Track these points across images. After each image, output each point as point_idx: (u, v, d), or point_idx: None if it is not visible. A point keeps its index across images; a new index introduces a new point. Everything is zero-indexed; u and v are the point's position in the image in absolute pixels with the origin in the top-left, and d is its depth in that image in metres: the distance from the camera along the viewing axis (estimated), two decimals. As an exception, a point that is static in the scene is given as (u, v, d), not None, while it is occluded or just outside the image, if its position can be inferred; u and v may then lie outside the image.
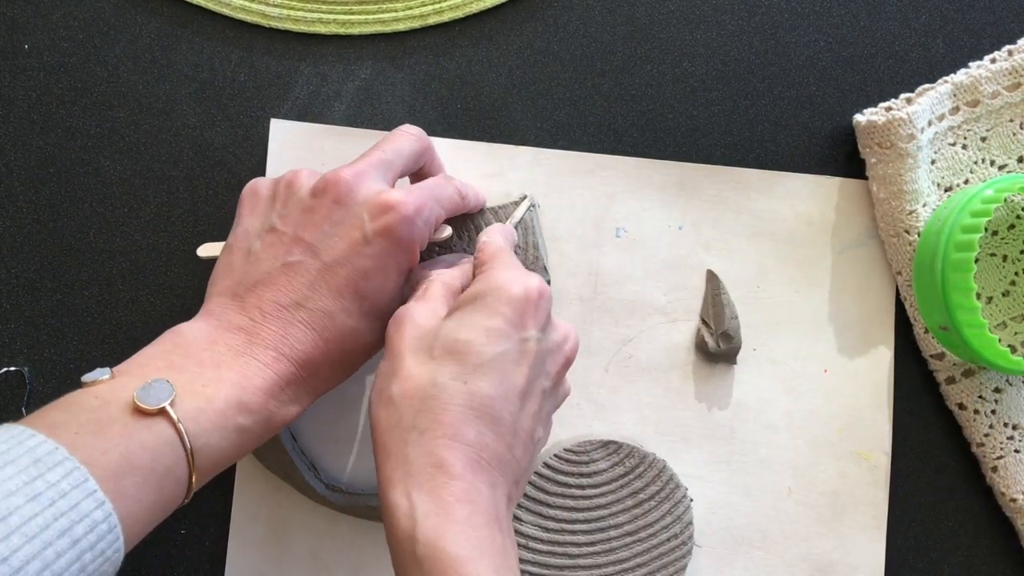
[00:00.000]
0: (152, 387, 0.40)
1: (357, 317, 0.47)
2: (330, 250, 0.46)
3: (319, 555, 0.56)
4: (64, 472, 0.36)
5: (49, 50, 0.58)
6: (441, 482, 0.40)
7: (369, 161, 0.49)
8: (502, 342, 0.43)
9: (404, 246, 0.47)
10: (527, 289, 0.45)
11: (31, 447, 0.37)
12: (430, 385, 0.42)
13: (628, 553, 0.55)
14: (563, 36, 0.60)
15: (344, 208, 0.47)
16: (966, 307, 0.53)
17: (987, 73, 0.58)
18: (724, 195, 0.59)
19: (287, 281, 0.46)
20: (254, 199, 0.50)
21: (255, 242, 0.48)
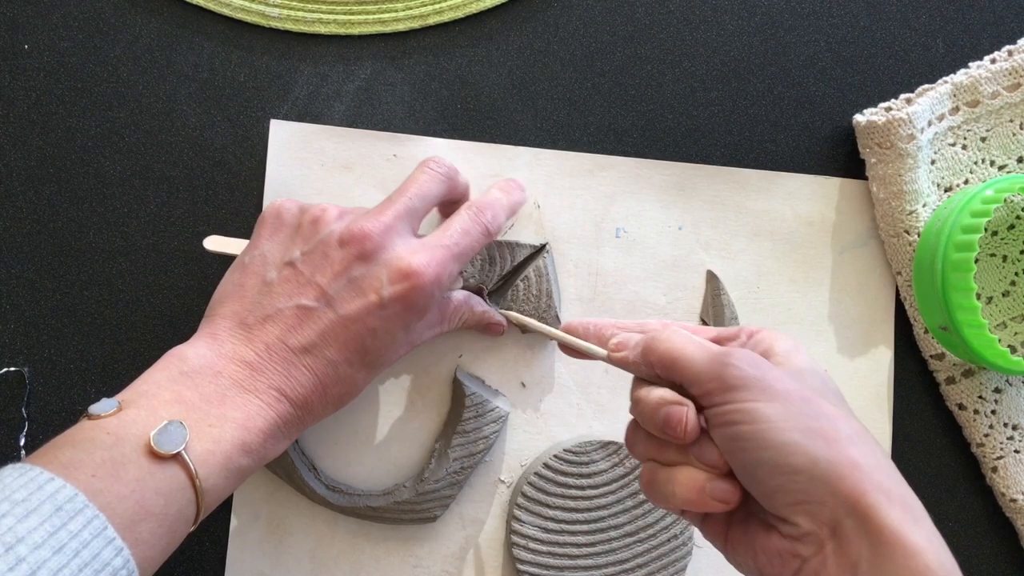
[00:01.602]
0: (168, 431, 0.41)
1: (357, 367, 0.48)
2: (345, 305, 0.47)
3: (319, 555, 0.56)
4: (85, 521, 0.37)
5: (49, 50, 0.58)
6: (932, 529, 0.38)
7: (396, 212, 0.49)
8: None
9: (418, 311, 0.48)
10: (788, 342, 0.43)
11: (51, 493, 0.37)
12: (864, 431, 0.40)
13: (628, 554, 0.55)
14: (563, 36, 0.60)
15: (366, 266, 0.47)
16: (966, 307, 0.53)
17: (987, 73, 0.58)
18: (724, 195, 0.59)
19: (298, 324, 0.46)
20: (277, 223, 0.50)
21: (271, 272, 0.48)
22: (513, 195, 0.55)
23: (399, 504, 0.55)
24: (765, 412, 0.39)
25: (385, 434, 0.57)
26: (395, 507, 0.55)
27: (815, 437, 0.38)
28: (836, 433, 0.38)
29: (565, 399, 0.58)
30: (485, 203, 0.52)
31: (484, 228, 0.51)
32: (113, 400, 0.42)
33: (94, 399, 0.56)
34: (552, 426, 0.58)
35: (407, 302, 0.47)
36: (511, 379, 0.58)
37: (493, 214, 0.52)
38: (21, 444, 0.56)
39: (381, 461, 0.57)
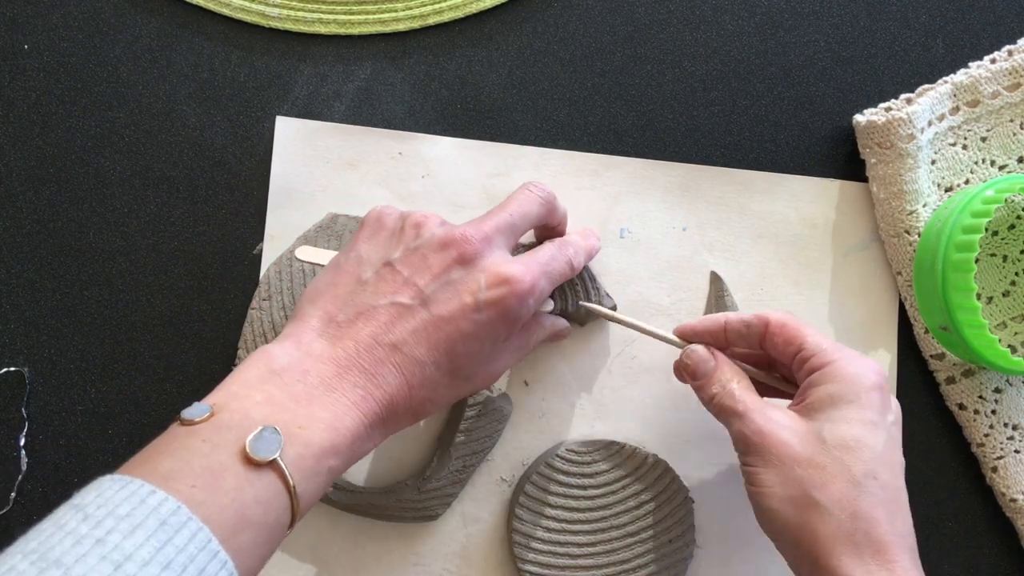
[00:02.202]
0: (263, 437, 0.40)
1: (443, 373, 0.47)
2: (441, 305, 0.46)
3: (320, 552, 0.56)
4: (190, 534, 0.36)
5: (49, 50, 0.58)
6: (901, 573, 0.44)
7: (497, 224, 0.49)
8: (881, 431, 0.47)
9: (510, 321, 0.48)
10: (880, 374, 0.49)
11: (154, 507, 0.36)
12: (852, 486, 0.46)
13: (629, 554, 0.55)
14: (563, 36, 0.60)
15: (465, 270, 0.47)
16: (966, 307, 0.53)
17: (987, 73, 0.58)
18: (728, 197, 0.59)
19: (391, 320, 0.46)
20: (377, 226, 0.50)
21: (367, 271, 0.48)
22: (590, 240, 0.55)
23: (401, 502, 0.55)
24: (761, 477, 0.47)
25: (387, 434, 0.57)
26: (397, 505, 0.55)
27: (790, 504, 0.46)
28: (805, 499, 0.46)
29: (568, 399, 0.58)
30: (568, 240, 0.53)
31: (568, 260, 0.52)
32: (205, 404, 0.41)
33: (94, 399, 0.56)
34: (554, 426, 0.58)
35: (502, 307, 0.47)
36: (514, 378, 0.58)
37: (575, 250, 0.53)
38: (21, 444, 0.56)
39: (383, 459, 0.57)
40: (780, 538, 0.47)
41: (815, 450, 0.46)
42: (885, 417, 0.48)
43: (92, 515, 0.35)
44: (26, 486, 0.56)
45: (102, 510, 0.35)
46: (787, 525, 0.46)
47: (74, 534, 0.35)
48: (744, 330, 0.52)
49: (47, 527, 0.35)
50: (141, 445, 0.40)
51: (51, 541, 0.34)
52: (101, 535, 0.34)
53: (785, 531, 0.46)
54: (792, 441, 0.47)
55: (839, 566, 0.44)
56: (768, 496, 0.47)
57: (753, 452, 0.48)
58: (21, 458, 0.56)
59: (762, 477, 0.47)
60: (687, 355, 0.52)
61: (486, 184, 0.58)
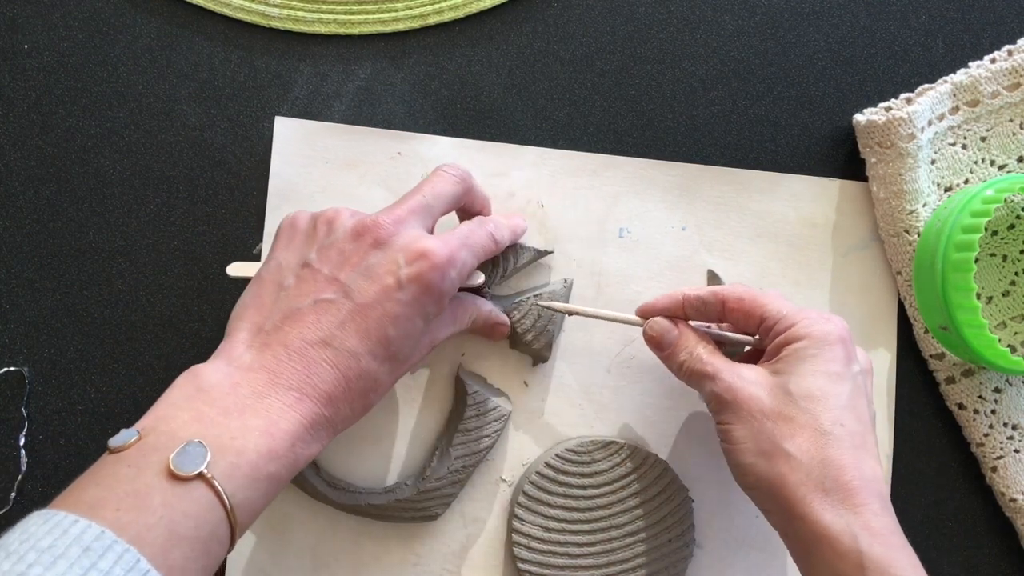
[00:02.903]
0: (186, 452, 0.40)
1: (380, 360, 0.47)
2: (363, 292, 0.46)
3: (320, 553, 0.56)
4: (115, 557, 0.36)
5: (49, 50, 0.58)
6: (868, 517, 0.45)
7: (410, 207, 0.49)
8: (846, 381, 0.49)
9: (435, 294, 0.48)
10: (843, 329, 0.50)
11: (76, 535, 0.36)
12: (819, 434, 0.47)
13: (629, 553, 0.55)
14: (563, 36, 0.60)
15: (381, 252, 0.47)
16: (966, 307, 0.53)
17: (987, 73, 0.58)
18: (727, 197, 0.59)
19: (316, 319, 0.46)
20: (291, 232, 0.50)
21: (288, 277, 0.48)
22: (513, 219, 0.56)
23: (400, 502, 0.55)
24: (734, 434, 0.49)
25: (387, 432, 0.57)
26: (396, 505, 0.55)
27: (762, 456, 0.47)
28: (775, 451, 0.47)
29: (567, 399, 0.58)
30: (489, 218, 0.54)
31: (489, 233, 0.52)
32: (132, 430, 0.41)
33: (94, 399, 0.56)
34: (554, 425, 0.58)
35: (424, 282, 0.47)
36: (513, 378, 0.58)
37: (495, 225, 0.53)
38: (21, 444, 0.56)
39: (383, 459, 0.57)
40: (755, 491, 0.49)
41: (783, 402, 0.48)
42: (850, 368, 0.49)
43: (14, 552, 0.35)
44: (26, 486, 0.56)
45: (24, 545, 0.35)
46: (760, 477, 0.47)
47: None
48: (701, 306, 0.53)
49: None
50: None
51: None
52: (23, 569, 0.34)
53: (759, 484, 0.48)
54: (761, 395, 0.48)
55: (810, 512, 0.45)
56: (741, 451, 0.48)
57: (726, 409, 0.49)
58: (21, 458, 0.56)
59: (735, 433, 0.48)
60: (650, 326, 0.53)
61: (486, 184, 0.58)
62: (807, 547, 0.46)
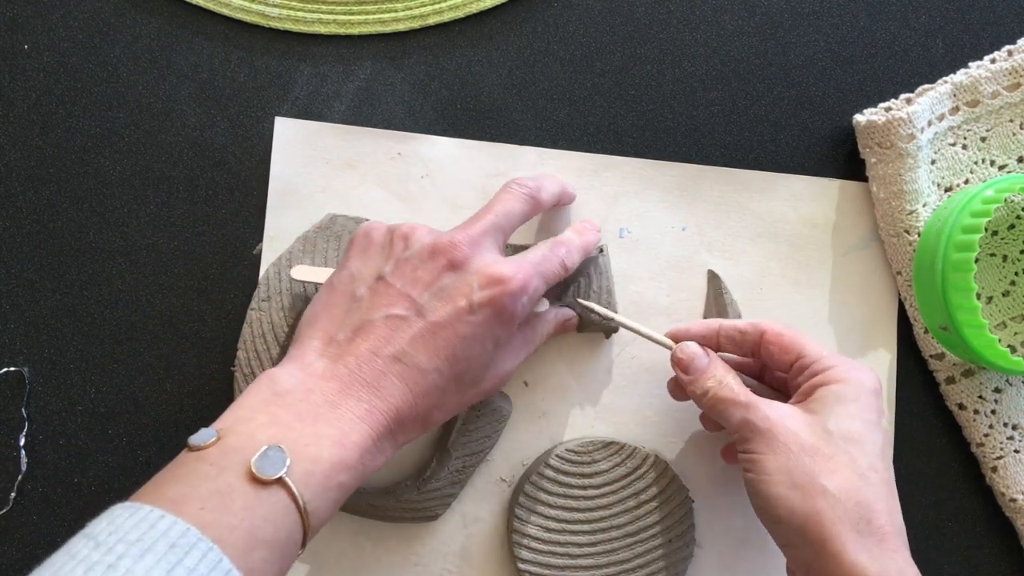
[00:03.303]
0: (268, 456, 0.41)
1: (447, 379, 0.47)
2: (436, 311, 0.47)
3: (320, 553, 0.56)
4: (200, 555, 0.36)
5: (49, 50, 0.58)
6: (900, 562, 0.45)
7: (483, 228, 0.50)
8: (878, 430, 0.49)
9: (506, 320, 0.48)
10: (878, 381, 0.51)
11: (164, 530, 0.36)
12: (857, 477, 0.47)
13: (629, 554, 0.55)
14: (563, 36, 0.60)
15: (456, 274, 0.48)
16: (966, 307, 0.53)
17: (987, 73, 0.58)
18: (727, 197, 0.59)
19: (388, 333, 0.46)
20: (366, 242, 0.50)
21: (361, 288, 0.49)
22: (586, 235, 0.55)
23: (401, 502, 0.55)
24: (764, 465, 0.48)
25: (386, 434, 0.57)
26: (397, 505, 0.55)
27: (796, 490, 0.46)
28: (813, 486, 0.46)
29: (567, 399, 0.58)
30: (561, 239, 0.54)
31: (561, 260, 0.52)
32: (211, 430, 0.42)
33: (94, 399, 0.56)
34: (554, 426, 0.58)
35: (496, 306, 0.47)
36: (514, 378, 0.58)
37: (568, 250, 0.53)
38: (21, 444, 0.56)
39: (383, 461, 0.57)
40: (783, 524, 0.47)
41: (822, 440, 0.47)
42: (881, 420, 0.50)
43: (103, 543, 0.36)
44: (26, 486, 0.56)
45: (113, 537, 0.36)
46: (793, 512, 0.46)
47: (85, 562, 0.35)
48: (738, 336, 0.53)
49: (59, 557, 0.36)
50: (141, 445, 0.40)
51: (63, 571, 0.35)
52: (112, 561, 0.35)
53: (791, 518, 0.47)
54: (800, 430, 0.48)
55: (845, 551, 0.45)
56: (772, 483, 0.47)
57: (758, 439, 0.48)
58: (21, 458, 0.56)
59: (766, 464, 0.48)
60: (680, 350, 0.53)
61: (486, 184, 0.58)
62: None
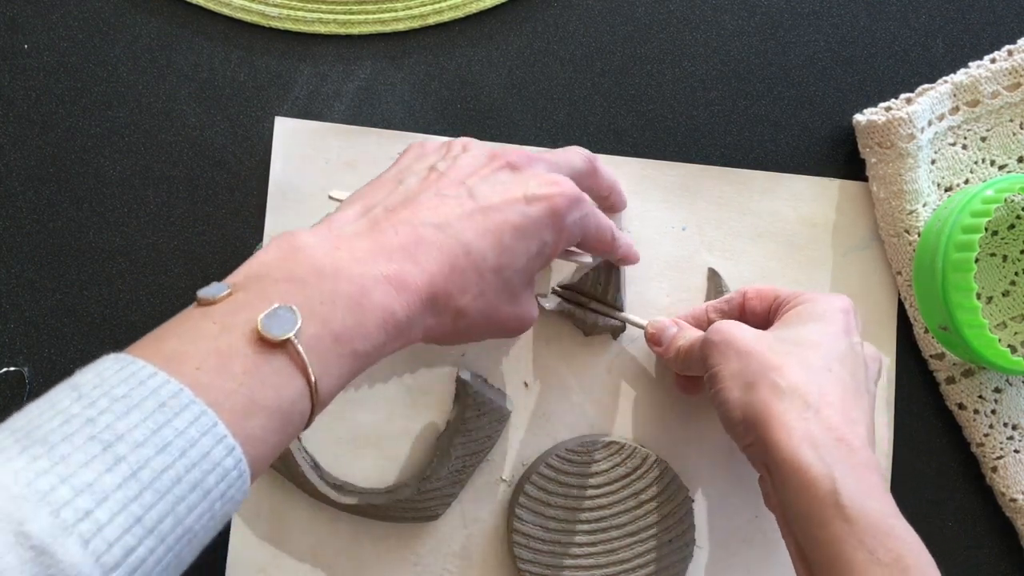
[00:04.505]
0: (276, 315, 0.37)
1: (489, 269, 0.44)
2: (488, 197, 0.44)
3: (320, 553, 0.56)
4: (192, 417, 0.34)
5: (49, 50, 0.58)
6: (847, 453, 0.44)
7: (541, 156, 0.49)
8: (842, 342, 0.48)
9: (557, 222, 0.46)
10: (847, 303, 0.50)
11: (154, 388, 0.34)
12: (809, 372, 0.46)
13: (629, 554, 0.55)
14: (563, 36, 0.60)
15: (514, 174, 0.46)
16: (966, 307, 0.53)
17: (987, 73, 0.58)
18: (727, 196, 0.59)
19: (435, 205, 0.43)
20: (421, 149, 0.49)
21: (411, 178, 0.46)
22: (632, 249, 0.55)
23: (401, 502, 0.55)
24: (720, 373, 0.48)
25: (387, 432, 0.57)
26: (396, 505, 0.55)
27: (748, 390, 0.46)
28: (763, 383, 0.46)
29: (567, 398, 0.58)
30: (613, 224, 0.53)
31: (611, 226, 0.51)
32: (223, 284, 0.39)
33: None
34: (554, 425, 0.58)
35: (552, 204, 0.45)
36: (514, 378, 0.58)
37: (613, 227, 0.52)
38: (21, 444, 0.56)
39: (383, 459, 0.57)
40: (739, 426, 0.47)
41: (774, 344, 0.47)
42: (849, 336, 0.49)
43: (86, 395, 0.33)
44: (26, 486, 0.56)
45: (97, 390, 0.34)
46: (745, 408, 0.46)
47: (64, 413, 0.33)
48: (726, 307, 0.55)
49: (40, 405, 0.34)
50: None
51: (40, 419, 0.33)
52: (93, 415, 0.33)
53: (744, 416, 0.46)
54: (750, 336, 0.48)
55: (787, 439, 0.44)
56: (727, 388, 0.47)
57: (714, 352, 0.48)
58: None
59: (721, 372, 0.48)
60: (651, 324, 0.55)
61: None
62: (783, 479, 0.44)
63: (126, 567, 0.31)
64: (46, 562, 0.29)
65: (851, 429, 0.45)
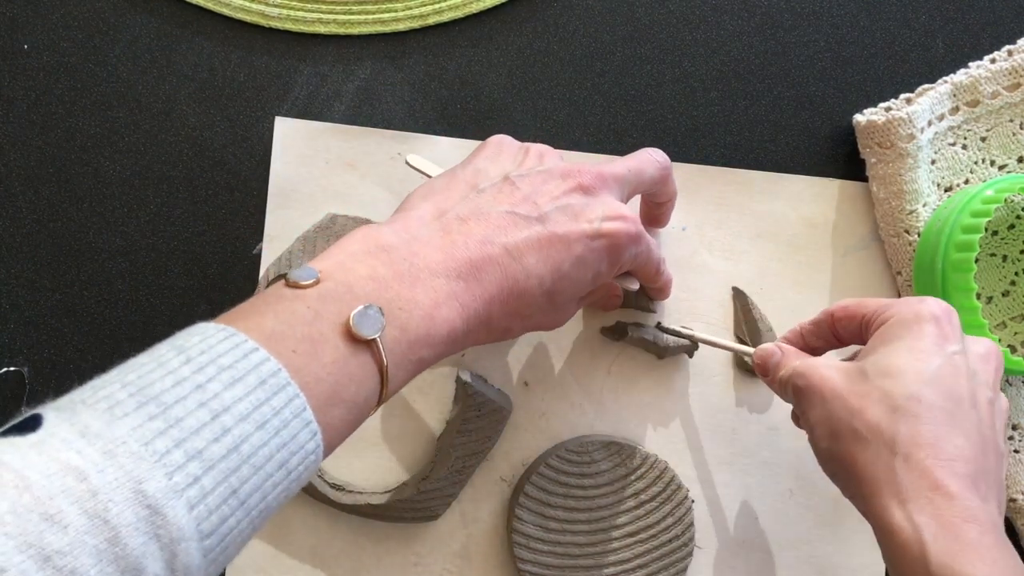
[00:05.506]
0: (367, 315, 0.39)
1: (543, 292, 0.45)
2: (558, 224, 0.45)
3: (320, 553, 0.56)
4: (287, 399, 0.35)
5: (49, 50, 0.58)
6: (941, 504, 0.41)
7: (614, 172, 0.49)
8: (935, 357, 0.44)
9: (615, 257, 0.47)
10: (938, 307, 0.46)
11: (256, 364, 0.35)
12: (891, 411, 0.43)
13: (629, 554, 0.55)
14: (563, 36, 0.60)
15: (585, 198, 0.46)
16: (966, 307, 0.53)
17: (987, 73, 0.58)
18: (728, 197, 0.59)
19: (505, 225, 0.44)
20: (498, 148, 0.49)
21: (485, 182, 0.46)
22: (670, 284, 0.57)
23: (401, 502, 0.55)
24: (808, 420, 0.47)
25: (387, 432, 0.57)
26: (397, 505, 0.55)
27: (834, 439, 0.45)
28: (845, 431, 0.44)
29: (567, 399, 0.58)
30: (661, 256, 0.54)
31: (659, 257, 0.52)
32: (312, 268, 0.40)
33: (94, 399, 0.56)
34: (554, 425, 0.58)
35: (615, 240, 0.46)
36: (513, 378, 0.58)
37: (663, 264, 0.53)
38: (21, 444, 0.56)
39: (383, 459, 0.57)
40: (835, 478, 0.46)
41: (855, 381, 0.45)
42: (943, 347, 0.45)
43: (195, 359, 0.34)
44: (26, 486, 0.56)
45: (204, 356, 0.35)
46: (834, 461, 0.45)
47: (175, 374, 0.34)
48: (817, 329, 0.52)
49: (147, 361, 0.34)
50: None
51: (151, 376, 0.33)
52: (202, 381, 0.34)
53: (836, 469, 0.45)
54: (833, 376, 0.46)
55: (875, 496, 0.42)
56: (816, 438, 0.46)
57: (801, 397, 0.47)
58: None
59: (809, 419, 0.46)
60: (755, 354, 0.52)
61: (486, 184, 0.58)
62: (879, 536, 0.43)
63: (217, 535, 0.33)
64: (157, 521, 0.30)
65: (948, 469, 0.41)
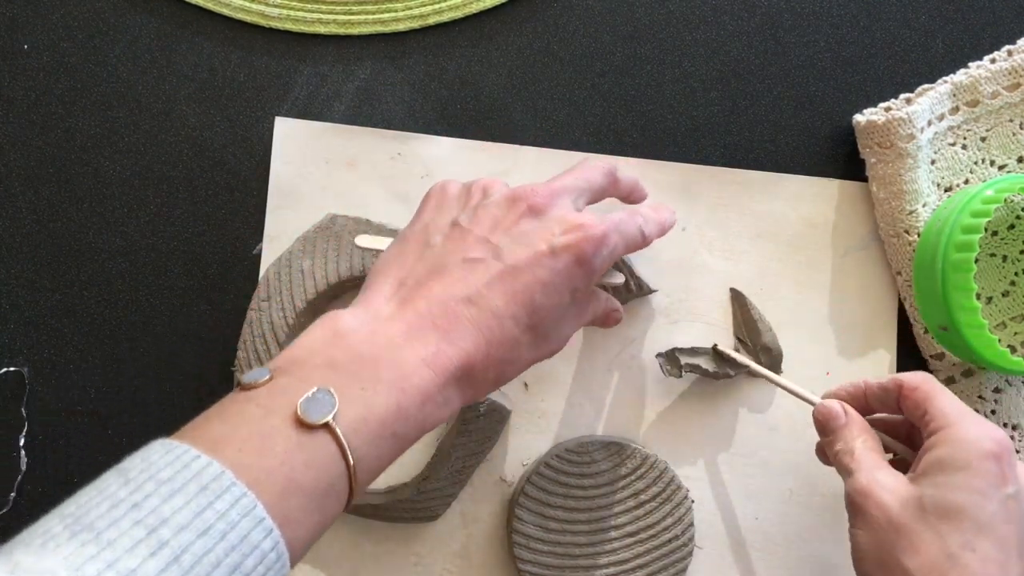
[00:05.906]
0: (316, 399, 0.38)
1: (523, 329, 0.44)
2: (514, 254, 0.44)
3: (320, 553, 0.56)
4: (233, 500, 0.35)
5: (49, 50, 0.58)
6: None
7: (563, 184, 0.48)
8: (991, 502, 0.43)
9: (586, 268, 0.45)
10: (1000, 443, 0.45)
11: (197, 471, 0.35)
12: (944, 557, 0.43)
13: (629, 554, 0.55)
14: (563, 36, 0.60)
15: (537, 220, 0.46)
16: (966, 307, 0.53)
17: (987, 73, 0.58)
18: (727, 197, 0.59)
19: (463, 275, 0.44)
20: (441, 196, 0.49)
21: (436, 236, 0.46)
22: (662, 213, 0.53)
23: (400, 502, 0.55)
24: (857, 540, 0.46)
25: (386, 434, 0.57)
26: (396, 505, 0.55)
27: (881, 568, 0.44)
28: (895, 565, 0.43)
29: (567, 399, 0.58)
30: (639, 210, 0.51)
31: (639, 226, 0.50)
32: (265, 369, 0.40)
33: (94, 399, 0.56)
34: (554, 425, 0.58)
35: (577, 253, 0.45)
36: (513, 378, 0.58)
37: (645, 219, 0.50)
38: (21, 444, 0.56)
39: (383, 461, 0.57)
40: None
41: (912, 516, 0.44)
42: (1000, 489, 0.44)
43: (133, 479, 0.34)
44: (26, 486, 0.56)
45: (144, 474, 0.34)
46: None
47: (112, 498, 0.34)
48: (882, 394, 0.50)
49: (89, 491, 0.34)
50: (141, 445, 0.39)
51: (88, 505, 0.34)
52: (139, 499, 0.33)
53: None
54: (891, 504, 0.45)
55: None
56: (861, 560, 0.45)
57: (854, 513, 0.46)
58: (21, 458, 0.56)
59: (858, 539, 0.45)
60: (818, 410, 0.51)
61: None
62: None
63: None
64: None
65: None
